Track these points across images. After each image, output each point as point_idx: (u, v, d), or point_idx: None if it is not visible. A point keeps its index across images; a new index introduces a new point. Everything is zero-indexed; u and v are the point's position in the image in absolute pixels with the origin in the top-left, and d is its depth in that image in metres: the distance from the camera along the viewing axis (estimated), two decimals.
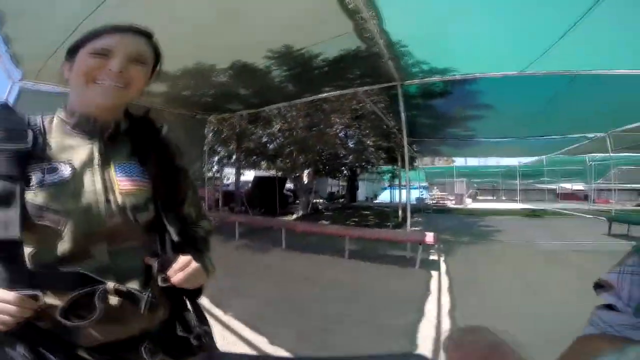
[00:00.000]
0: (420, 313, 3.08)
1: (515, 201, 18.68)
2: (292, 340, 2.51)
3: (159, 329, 0.72)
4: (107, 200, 0.67)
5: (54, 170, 0.64)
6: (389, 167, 15.36)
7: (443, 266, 4.85)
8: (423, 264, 4.72)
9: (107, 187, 0.68)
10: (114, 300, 0.64)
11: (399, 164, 11.60)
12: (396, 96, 5.46)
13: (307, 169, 11.50)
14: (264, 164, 11.76)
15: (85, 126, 0.70)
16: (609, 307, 0.45)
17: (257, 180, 13.07)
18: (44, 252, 0.62)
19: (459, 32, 3.53)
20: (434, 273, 4.45)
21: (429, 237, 4.77)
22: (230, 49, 4.09)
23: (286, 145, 10.40)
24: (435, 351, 2.37)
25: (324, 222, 9.45)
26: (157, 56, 0.76)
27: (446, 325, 2.86)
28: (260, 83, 5.50)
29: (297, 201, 12.70)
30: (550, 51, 3.58)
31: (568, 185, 20.90)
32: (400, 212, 10.57)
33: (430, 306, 3.28)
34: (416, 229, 7.80)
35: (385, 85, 5.41)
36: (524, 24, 3.25)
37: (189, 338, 0.73)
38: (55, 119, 0.72)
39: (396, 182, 13.33)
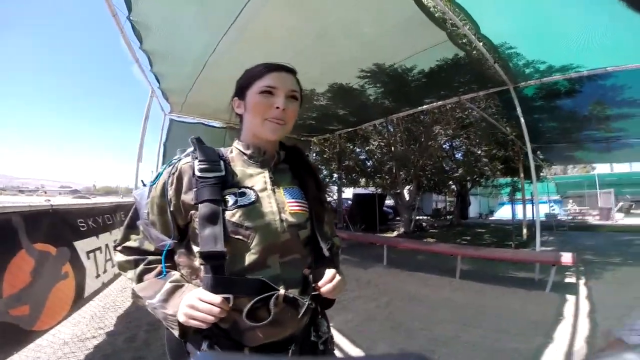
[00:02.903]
0: (547, 338, 2.63)
1: None
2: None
3: (300, 333, 0.79)
4: (281, 220, 0.77)
5: (244, 194, 0.76)
6: (508, 179, 13.30)
7: (583, 290, 4.04)
8: (556, 287, 4.03)
9: (279, 208, 0.78)
10: (282, 305, 0.72)
11: (521, 174, 9.92)
12: (509, 100, 4.90)
13: (409, 184, 11.02)
14: (362, 181, 11.82)
15: (258, 157, 0.84)
16: None
17: (356, 197, 13.21)
18: (235, 262, 0.72)
19: (575, 24, 2.99)
20: (571, 297, 3.73)
21: (566, 257, 4.09)
22: (326, 73, 4.41)
23: (385, 161, 10.27)
24: None
25: (429, 240, 8.79)
26: (301, 91, 0.87)
27: (581, 351, 2.39)
28: (357, 102, 5.70)
29: (398, 218, 12.22)
30: None
31: None
32: (524, 230, 9.02)
33: (562, 332, 2.78)
34: (547, 248, 6.49)
35: (496, 90, 5.00)
36: None
37: (317, 342, 0.81)
38: (234, 149, 0.87)
39: (518, 196, 11.34)
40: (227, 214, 0.72)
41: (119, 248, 0.82)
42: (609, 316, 3.06)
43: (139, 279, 0.77)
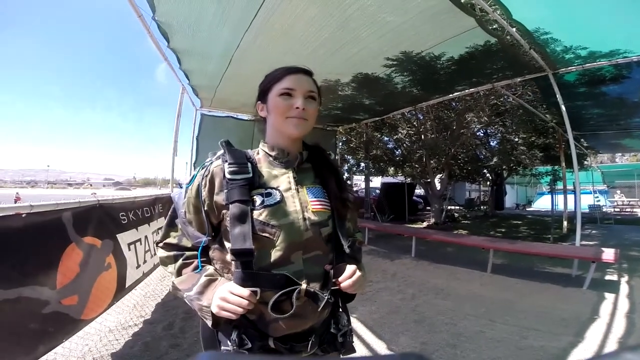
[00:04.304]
0: (578, 337, 2.54)
1: None
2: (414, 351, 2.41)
3: (320, 326, 0.85)
4: (304, 218, 0.82)
5: (270, 194, 0.81)
6: (548, 167, 12.43)
7: (625, 288, 3.81)
8: (595, 284, 3.83)
9: (303, 207, 0.84)
10: (304, 299, 0.78)
11: (562, 163, 9.23)
12: (548, 87, 4.61)
13: (440, 173, 10.66)
14: (391, 170, 11.59)
15: (282, 158, 0.89)
16: None
17: (385, 186, 13.01)
18: (262, 258, 0.78)
19: (617, 9, 2.76)
20: (609, 295, 3.53)
21: (608, 253, 3.83)
22: (349, 63, 4.35)
23: (415, 150, 9.99)
24: None
25: (461, 231, 8.54)
26: (318, 91, 0.93)
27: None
28: (384, 91, 5.57)
29: (429, 208, 11.92)
30: None
31: None
32: (564, 223, 8.47)
33: (594, 331, 2.66)
34: (588, 243, 6.08)
35: (533, 76, 4.72)
36: None
37: (337, 335, 0.87)
38: (260, 151, 0.92)
39: (559, 186, 10.55)
40: (255, 213, 0.78)
41: (160, 244, 0.90)
42: None
43: (178, 272, 0.85)
